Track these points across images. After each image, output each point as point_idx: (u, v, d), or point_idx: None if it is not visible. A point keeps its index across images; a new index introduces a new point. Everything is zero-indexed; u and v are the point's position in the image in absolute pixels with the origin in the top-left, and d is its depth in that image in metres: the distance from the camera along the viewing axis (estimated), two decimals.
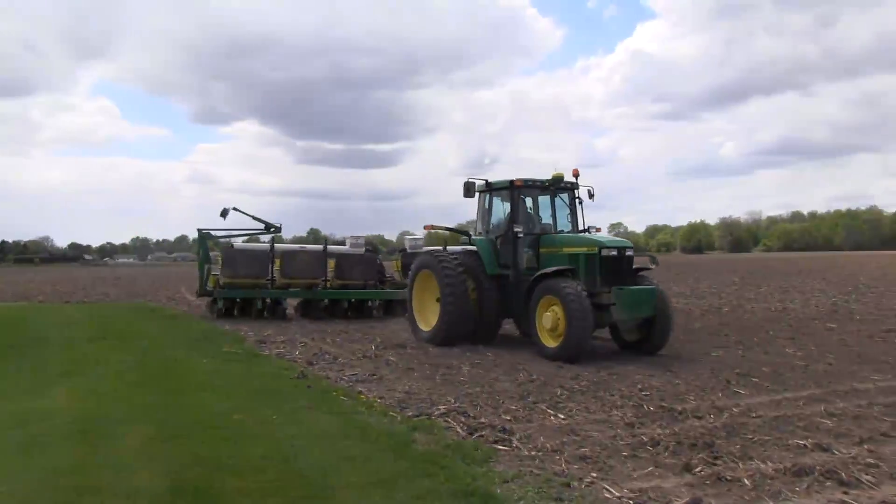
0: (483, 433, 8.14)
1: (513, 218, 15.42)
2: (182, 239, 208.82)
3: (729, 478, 6.50)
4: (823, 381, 11.22)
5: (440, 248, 17.31)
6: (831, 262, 78.44)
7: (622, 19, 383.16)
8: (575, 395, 10.21)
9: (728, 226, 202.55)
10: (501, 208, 16.25)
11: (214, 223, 24.81)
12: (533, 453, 7.37)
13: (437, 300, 15.75)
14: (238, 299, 22.64)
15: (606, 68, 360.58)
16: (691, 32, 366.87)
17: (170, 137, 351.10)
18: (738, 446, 7.51)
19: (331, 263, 22.90)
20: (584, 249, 14.31)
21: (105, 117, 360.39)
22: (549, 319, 13.46)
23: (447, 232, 17.26)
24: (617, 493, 6.15)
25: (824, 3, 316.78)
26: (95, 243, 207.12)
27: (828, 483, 6.38)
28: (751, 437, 7.90)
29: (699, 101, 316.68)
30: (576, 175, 16.03)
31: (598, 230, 16.15)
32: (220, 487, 6.32)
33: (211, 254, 24.17)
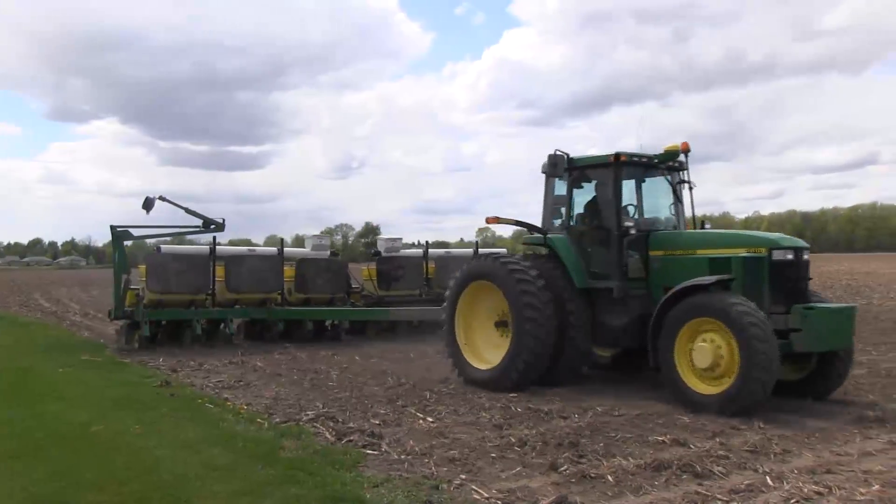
0: (352, 438, 8.13)
1: (617, 207, 11.20)
2: (36, 242, 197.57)
3: (593, 475, 6.72)
4: None
5: (501, 250, 13.44)
6: None
7: (490, 26, 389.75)
8: (444, 399, 10.34)
9: None
10: (593, 194, 11.84)
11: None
12: (402, 457, 7.41)
13: (499, 324, 11.64)
14: (163, 322, 16.76)
15: (474, 74, 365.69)
16: (557, 41, 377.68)
17: (21, 135, 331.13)
18: (601, 444, 7.78)
19: (288, 271, 17.88)
20: (742, 251, 10.19)
21: None
22: (705, 354, 9.35)
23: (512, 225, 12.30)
24: (485, 494, 6.26)
25: (680, 18, 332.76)
26: None
27: (684, 476, 6.70)
28: (613, 435, 8.21)
29: (563, 108, 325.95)
30: (686, 150, 11.73)
31: (710, 226, 12.15)
32: (79, 503, 6.07)
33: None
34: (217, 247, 17.57)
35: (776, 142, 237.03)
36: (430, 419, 9.09)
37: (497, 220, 11.87)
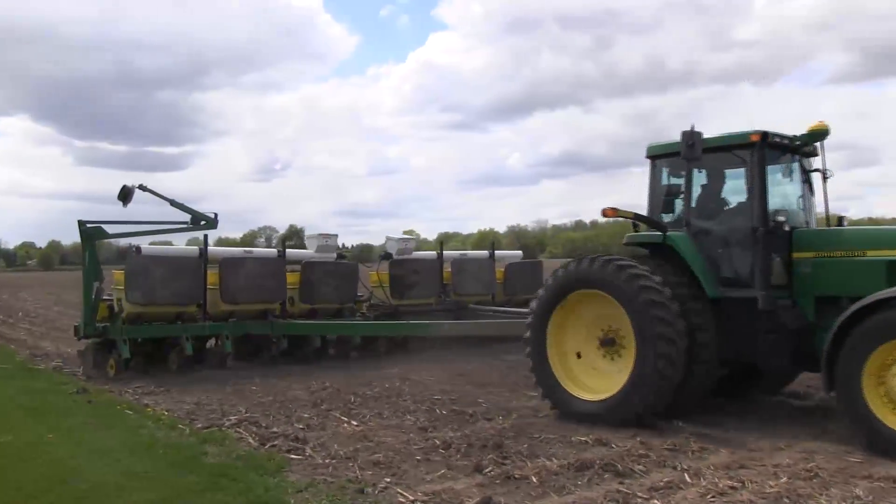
0: (276, 443, 8.07)
1: (762, 199, 9.06)
2: None
3: (517, 476, 6.80)
4: None
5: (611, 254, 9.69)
6: None
7: (414, 29, 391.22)
8: (368, 402, 10.32)
9: (516, 233, 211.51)
10: (724, 183, 10.01)
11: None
12: (326, 461, 7.38)
13: (605, 343, 9.39)
14: (138, 340, 13.35)
15: (398, 77, 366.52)
16: (481, 46, 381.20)
17: None
18: (525, 445, 7.86)
19: (291, 277, 15.04)
20: None
21: None
22: None
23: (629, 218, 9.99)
24: (410, 497, 6.28)
25: (602, 25, 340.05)
26: None
27: (606, 475, 6.83)
28: (537, 436, 8.30)
29: (487, 112, 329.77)
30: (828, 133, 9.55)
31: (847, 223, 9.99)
32: None
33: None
34: (207, 248, 14.53)
35: None
36: (354, 423, 9.06)
37: (615, 213, 9.66)
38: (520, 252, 20.57)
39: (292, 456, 7.59)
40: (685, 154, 8.92)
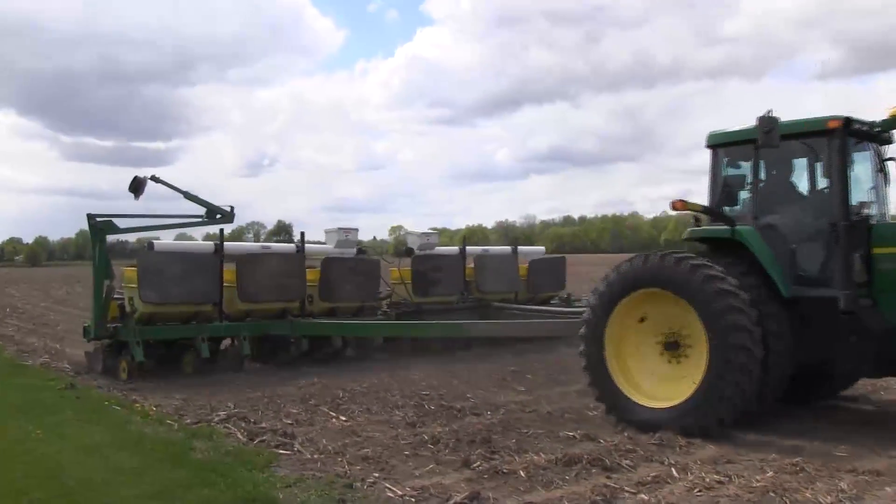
0: (264, 438, 8.06)
1: (843, 189, 8.39)
2: None
3: (506, 471, 6.82)
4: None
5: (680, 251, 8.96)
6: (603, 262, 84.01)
7: (403, 24, 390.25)
8: (357, 397, 10.32)
9: (504, 229, 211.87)
10: (793, 173, 9.39)
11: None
12: (315, 456, 7.39)
13: (669, 346, 8.68)
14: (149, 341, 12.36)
15: (386, 72, 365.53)
16: (470, 41, 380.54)
17: None
18: (513, 440, 7.89)
19: (311, 273, 14.31)
20: None
21: None
22: None
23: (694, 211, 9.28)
24: (399, 492, 6.29)
25: (591, 20, 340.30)
26: None
27: (594, 469, 6.86)
28: (525, 431, 8.33)
29: (475, 107, 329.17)
30: None
31: None
32: None
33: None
34: (224, 243, 13.83)
35: (682, 143, 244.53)
36: (342, 418, 9.07)
37: (684, 206, 8.97)
38: (542, 248, 19.69)
39: (281, 451, 7.59)
40: (763, 141, 8.23)
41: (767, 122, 8.13)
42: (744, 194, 9.11)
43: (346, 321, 14.18)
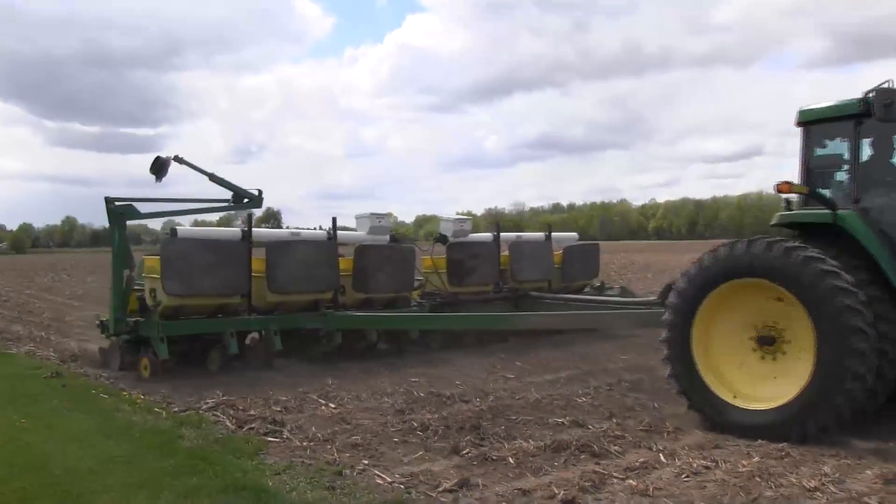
0: (253, 426, 8.06)
1: None
2: None
3: (495, 457, 6.85)
4: (581, 363, 12.04)
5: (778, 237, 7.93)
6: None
7: (392, 11, 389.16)
8: (346, 384, 10.31)
9: (494, 216, 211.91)
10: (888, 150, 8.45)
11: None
12: (304, 444, 7.39)
13: (763, 342, 7.87)
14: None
15: (375, 58, 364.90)
16: (459, 27, 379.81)
17: None
18: (502, 427, 7.91)
19: (343, 262, 13.26)
20: None
21: None
22: None
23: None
24: (388, 479, 6.30)
25: (579, 8, 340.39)
26: None
27: (582, 456, 6.90)
28: (514, 418, 8.34)
29: (464, 94, 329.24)
30: None
31: None
32: None
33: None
34: (251, 230, 12.53)
35: (670, 131, 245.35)
36: (332, 405, 9.07)
37: (789, 189, 8.12)
38: (575, 234, 18.85)
39: (270, 439, 7.59)
40: (881, 116, 7.47)
41: (887, 95, 7.44)
42: (840, 175, 8.37)
43: (388, 314, 13.24)
